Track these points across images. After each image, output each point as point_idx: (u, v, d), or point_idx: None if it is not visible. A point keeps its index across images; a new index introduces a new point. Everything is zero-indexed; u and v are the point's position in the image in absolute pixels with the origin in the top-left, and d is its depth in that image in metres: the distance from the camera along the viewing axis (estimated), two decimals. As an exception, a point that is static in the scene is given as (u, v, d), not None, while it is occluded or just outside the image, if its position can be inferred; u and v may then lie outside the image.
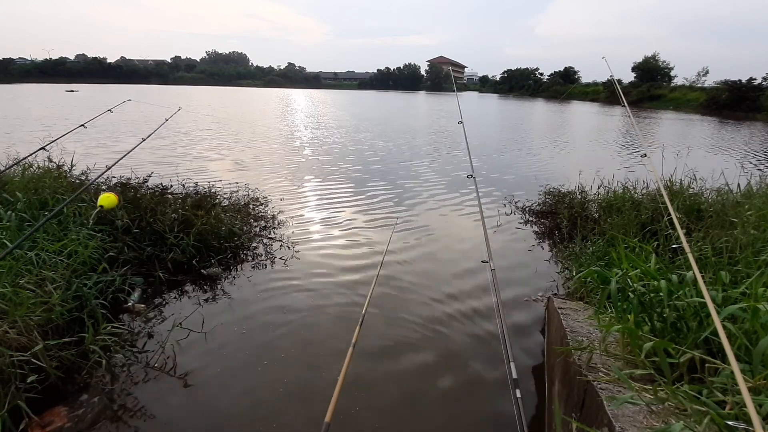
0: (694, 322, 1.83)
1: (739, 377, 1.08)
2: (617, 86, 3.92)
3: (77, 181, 4.58)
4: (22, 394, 2.24)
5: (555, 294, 3.87)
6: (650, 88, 46.12)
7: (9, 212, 3.38)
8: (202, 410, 2.58)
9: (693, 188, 4.43)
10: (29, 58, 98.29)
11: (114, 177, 4.90)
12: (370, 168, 10.00)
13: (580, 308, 2.90)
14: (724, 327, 1.27)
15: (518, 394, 1.31)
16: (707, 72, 47.46)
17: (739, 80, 34.75)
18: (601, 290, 2.34)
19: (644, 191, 5.00)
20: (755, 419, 0.94)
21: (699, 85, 45.89)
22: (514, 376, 1.40)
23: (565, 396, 2.25)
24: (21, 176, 4.30)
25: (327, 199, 7.26)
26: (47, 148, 3.99)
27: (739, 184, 4.39)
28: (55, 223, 3.56)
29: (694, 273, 1.58)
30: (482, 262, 2.32)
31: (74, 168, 4.83)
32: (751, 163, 11.50)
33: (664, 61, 52.44)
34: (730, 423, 1.27)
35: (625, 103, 3.66)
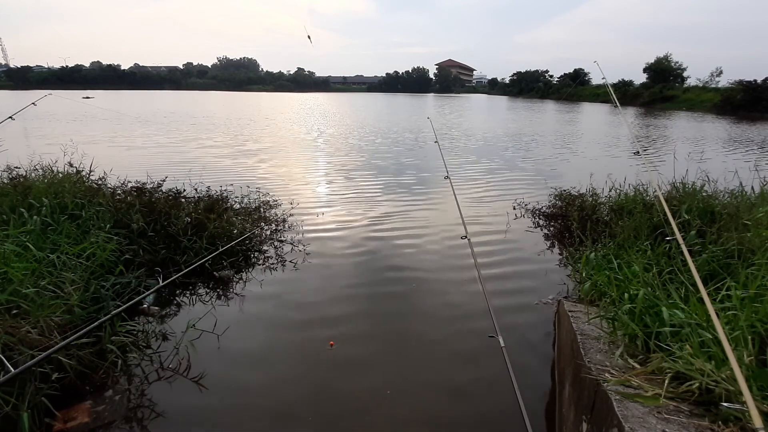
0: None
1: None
2: (610, 90, 4.22)
3: (95, 185, 4.70)
4: (43, 392, 2.31)
5: (566, 297, 3.86)
6: (663, 89, 45.42)
7: (34, 217, 3.50)
8: (215, 411, 2.63)
9: (707, 190, 4.38)
10: (46, 66, 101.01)
11: (130, 181, 5.02)
12: (378, 171, 10.04)
13: (591, 311, 2.89)
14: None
15: (502, 342, 1.32)
16: (721, 72, 46.59)
17: (755, 80, 34.05)
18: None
19: (655, 193, 4.95)
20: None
21: (712, 86, 45.05)
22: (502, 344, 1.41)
23: (575, 398, 2.25)
24: (43, 181, 4.44)
25: (337, 201, 7.32)
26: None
27: (753, 187, 4.33)
28: (75, 226, 3.68)
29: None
30: (462, 237, 2.64)
31: (92, 173, 4.96)
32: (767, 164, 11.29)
33: (677, 62, 51.60)
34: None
35: (617, 104, 4.04)
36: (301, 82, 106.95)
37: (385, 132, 18.38)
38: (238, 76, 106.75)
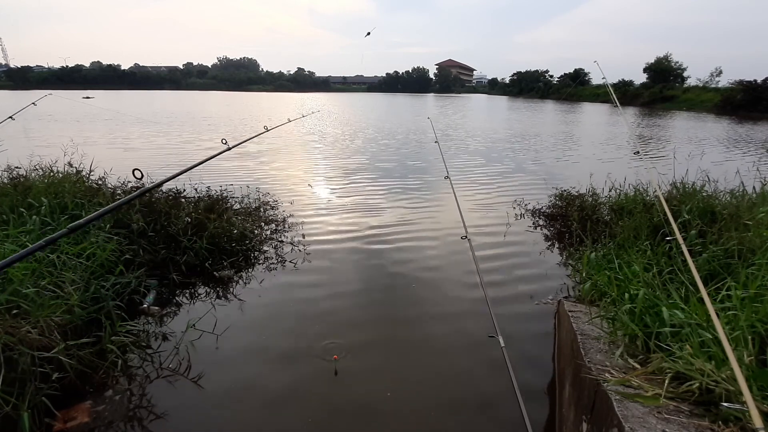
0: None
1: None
2: (610, 89, 4.28)
3: (95, 185, 4.70)
4: (43, 391, 2.31)
5: (566, 297, 3.86)
6: (663, 89, 45.41)
7: (33, 217, 3.50)
8: (215, 411, 2.63)
9: (707, 190, 4.38)
10: (46, 66, 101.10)
11: (130, 181, 5.02)
12: (379, 171, 10.03)
13: (591, 311, 2.89)
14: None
15: (502, 342, 1.32)
16: (720, 72, 46.64)
17: (755, 80, 34.02)
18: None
19: (656, 193, 4.94)
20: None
21: (712, 86, 45.08)
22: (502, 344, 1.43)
23: (575, 399, 2.25)
24: (43, 181, 4.44)
25: (337, 202, 7.32)
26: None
27: (754, 187, 4.33)
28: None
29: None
30: (462, 237, 2.62)
31: (92, 173, 4.96)
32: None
33: (677, 62, 51.61)
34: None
35: (618, 104, 4.13)
36: (301, 82, 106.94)
37: (388, 133, 18.35)
38: (238, 76, 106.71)
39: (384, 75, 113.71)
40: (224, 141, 2.93)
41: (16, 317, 2.52)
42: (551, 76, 75.39)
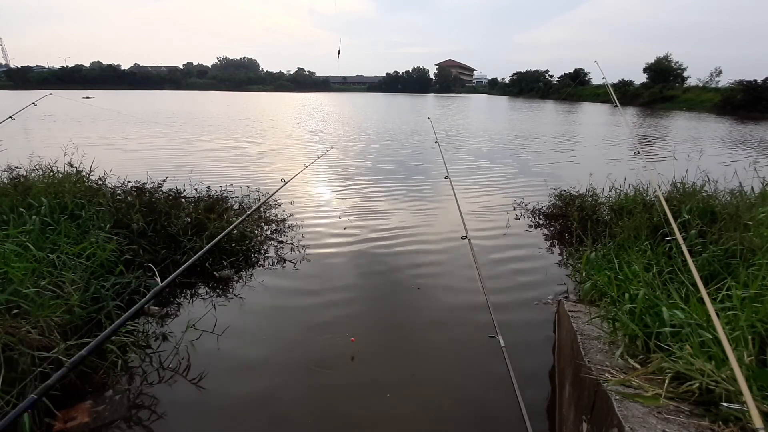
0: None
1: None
2: (610, 89, 4.35)
3: (95, 185, 4.70)
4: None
5: (566, 297, 3.86)
6: (663, 89, 45.43)
7: (33, 216, 3.50)
8: (215, 411, 2.63)
9: (707, 190, 4.38)
10: (46, 66, 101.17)
11: (130, 181, 5.02)
12: (379, 172, 10.04)
13: (591, 311, 2.89)
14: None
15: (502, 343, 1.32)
16: (720, 72, 46.70)
17: (755, 80, 34.03)
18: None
19: (656, 193, 4.94)
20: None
21: (712, 86, 45.12)
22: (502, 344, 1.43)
23: (575, 399, 2.25)
24: (43, 181, 4.44)
25: (337, 202, 7.32)
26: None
27: (753, 187, 4.33)
28: (74, 226, 3.68)
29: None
30: (462, 238, 2.66)
31: (92, 173, 4.96)
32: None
33: (677, 62, 51.68)
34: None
35: (618, 104, 4.20)
36: (301, 82, 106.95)
37: (389, 133, 18.34)
38: (238, 76, 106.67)
39: (384, 75, 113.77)
40: (283, 180, 3.90)
41: (16, 317, 2.52)
42: (551, 76, 75.45)
